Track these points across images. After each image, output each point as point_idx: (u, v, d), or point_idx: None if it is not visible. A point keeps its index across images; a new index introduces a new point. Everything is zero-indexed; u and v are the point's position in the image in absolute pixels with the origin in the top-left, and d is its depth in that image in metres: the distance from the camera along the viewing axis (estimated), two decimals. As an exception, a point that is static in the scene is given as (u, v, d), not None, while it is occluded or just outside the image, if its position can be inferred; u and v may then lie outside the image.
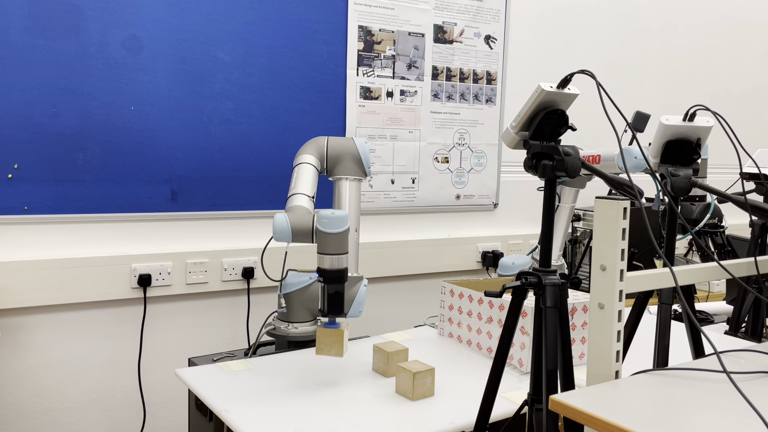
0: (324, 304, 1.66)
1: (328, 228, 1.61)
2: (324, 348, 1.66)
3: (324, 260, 1.64)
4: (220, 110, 2.39)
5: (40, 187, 2.14)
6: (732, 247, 2.39)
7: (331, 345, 1.66)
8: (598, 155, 2.16)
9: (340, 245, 1.63)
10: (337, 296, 1.63)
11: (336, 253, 1.62)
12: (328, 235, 1.62)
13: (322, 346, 1.66)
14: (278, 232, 1.65)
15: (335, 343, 1.66)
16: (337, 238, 1.62)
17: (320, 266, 1.64)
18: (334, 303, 1.64)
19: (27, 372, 2.21)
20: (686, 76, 3.65)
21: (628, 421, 0.96)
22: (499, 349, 1.33)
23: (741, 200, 1.38)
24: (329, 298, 1.65)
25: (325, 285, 1.65)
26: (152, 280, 2.32)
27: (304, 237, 1.66)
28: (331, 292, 1.64)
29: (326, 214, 1.62)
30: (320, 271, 1.64)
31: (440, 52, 2.81)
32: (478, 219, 3.04)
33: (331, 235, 1.62)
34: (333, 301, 1.64)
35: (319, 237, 1.63)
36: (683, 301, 1.20)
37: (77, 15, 2.13)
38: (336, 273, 1.63)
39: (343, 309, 1.64)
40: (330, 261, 1.63)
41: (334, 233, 1.61)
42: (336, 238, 1.62)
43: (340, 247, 1.63)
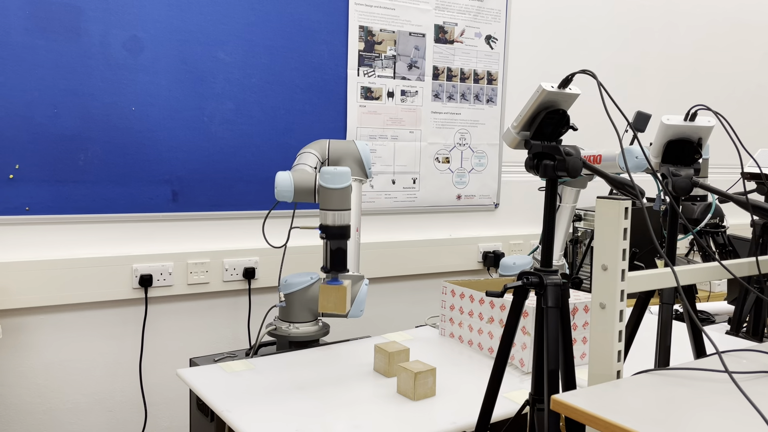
0: (327, 261, 1.65)
1: (331, 183, 1.62)
2: (327, 305, 1.66)
3: (327, 216, 1.64)
4: (220, 111, 2.39)
5: (41, 188, 2.14)
6: (733, 246, 2.39)
7: (334, 302, 1.66)
8: (600, 155, 2.16)
9: (343, 201, 1.64)
10: (340, 252, 1.64)
11: (338, 208, 1.63)
12: (331, 191, 1.63)
13: (325, 303, 1.66)
14: (281, 189, 1.66)
15: (338, 299, 1.65)
16: (340, 193, 1.63)
17: (323, 222, 1.65)
18: (337, 259, 1.64)
19: (28, 372, 2.21)
20: (687, 77, 3.65)
21: (629, 420, 0.96)
22: (500, 349, 1.33)
23: (742, 200, 1.37)
24: (332, 254, 1.65)
25: (328, 241, 1.65)
26: (153, 281, 2.32)
27: (306, 195, 1.67)
28: (334, 248, 1.64)
29: (329, 170, 1.63)
30: (323, 228, 1.64)
31: (441, 52, 2.81)
32: (479, 219, 3.04)
33: (333, 190, 1.63)
34: (336, 257, 1.64)
35: (321, 193, 1.64)
36: (684, 301, 1.20)
37: (78, 16, 2.14)
38: (339, 229, 1.63)
39: (346, 265, 1.65)
40: (333, 216, 1.64)
41: (337, 188, 1.62)
42: (339, 193, 1.63)
43: (342, 203, 1.64)
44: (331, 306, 1.66)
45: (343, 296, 1.65)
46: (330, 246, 1.65)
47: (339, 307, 1.65)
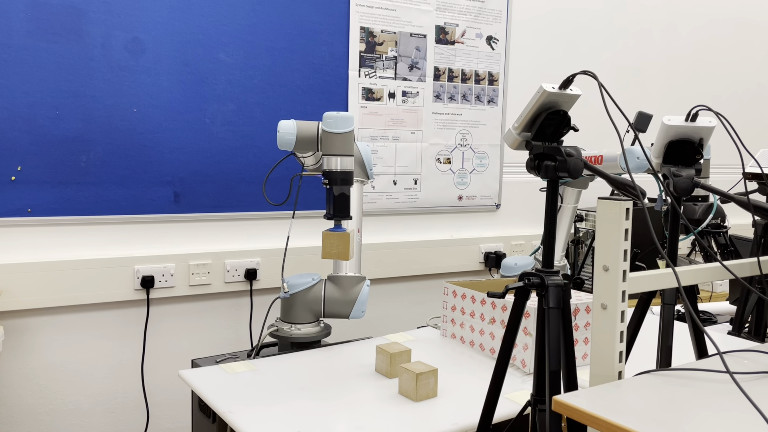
0: (330, 207, 1.65)
1: (334, 128, 1.62)
2: (330, 251, 1.65)
3: (330, 161, 1.63)
4: (222, 112, 2.39)
5: (43, 190, 2.14)
6: (735, 247, 2.39)
7: (338, 248, 1.64)
8: (601, 156, 2.16)
9: (346, 146, 1.63)
10: (343, 198, 1.63)
11: (342, 154, 1.62)
12: (334, 135, 1.62)
13: (328, 250, 1.64)
14: (284, 133, 1.64)
15: (341, 246, 1.63)
16: (343, 138, 1.62)
17: (326, 168, 1.63)
18: (340, 205, 1.63)
19: (31, 374, 2.21)
20: (688, 77, 3.64)
21: (631, 421, 0.96)
22: (502, 350, 1.33)
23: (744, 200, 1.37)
24: (336, 200, 1.64)
25: (331, 187, 1.64)
26: (155, 282, 2.32)
27: (308, 144, 1.66)
28: (337, 193, 1.63)
29: (332, 114, 1.62)
30: (326, 174, 1.64)
31: (442, 53, 2.81)
32: (481, 220, 3.04)
33: (336, 135, 1.62)
34: (339, 202, 1.63)
35: (324, 138, 1.63)
36: (686, 302, 1.20)
37: (80, 18, 2.14)
38: (342, 174, 1.62)
39: (349, 211, 1.64)
40: (336, 162, 1.63)
41: (340, 133, 1.62)
42: (342, 138, 1.62)
43: (345, 148, 1.63)
44: (335, 253, 1.65)
45: (347, 242, 1.63)
46: (333, 192, 1.65)
47: (342, 254, 1.64)
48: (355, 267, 2.04)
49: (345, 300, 2.00)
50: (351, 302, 1.99)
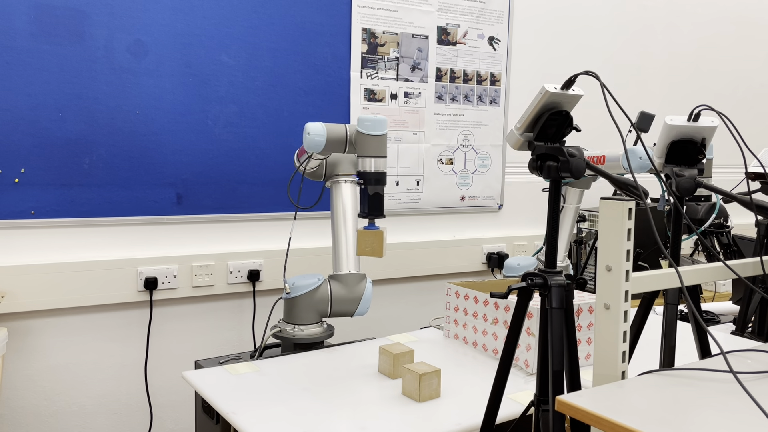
0: (365, 206, 1.71)
1: (371, 130, 1.69)
2: (365, 249, 1.71)
3: (365, 162, 1.70)
4: (224, 114, 2.40)
5: (47, 192, 2.15)
6: (738, 246, 2.39)
7: (372, 246, 1.70)
8: (603, 156, 2.16)
9: (380, 148, 1.70)
10: (378, 197, 1.69)
11: (377, 155, 1.69)
12: (370, 137, 1.69)
13: (363, 247, 1.70)
14: (314, 135, 1.71)
15: (376, 243, 1.70)
16: (378, 140, 1.69)
17: (361, 169, 1.70)
18: (375, 204, 1.70)
19: (34, 375, 2.22)
20: (690, 76, 3.64)
21: (634, 421, 0.96)
22: (505, 351, 1.34)
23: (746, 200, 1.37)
24: (370, 200, 1.70)
25: (366, 186, 1.70)
26: (158, 284, 2.33)
27: (337, 145, 1.72)
28: (372, 193, 1.70)
29: (368, 117, 1.70)
30: (361, 174, 1.70)
31: (444, 53, 2.82)
32: (483, 220, 3.04)
33: (373, 137, 1.69)
34: (374, 202, 1.70)
35: (360, 140, 1.70)
36: (689, 302, 1.20)
37: (83, 20, 2.15)
38: (377, 174, 1.69)
39: (383, 210, 1.70)
40: (371, 163, 1.70)
41: (377, 135, 1.69)
42: (377, 140, 1.69)
43: (380, 150, 1.70)
44: (369, 250, 1.71)
45: (381, 240, 1.69)
46: (368, 192, 1.71)
47: (377, 251, 1.69)
48: (354, 265, 2.04)
49: (351, 298, 2.02)
50: (357, 300, 2.01)
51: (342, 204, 2.07)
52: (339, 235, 2.06)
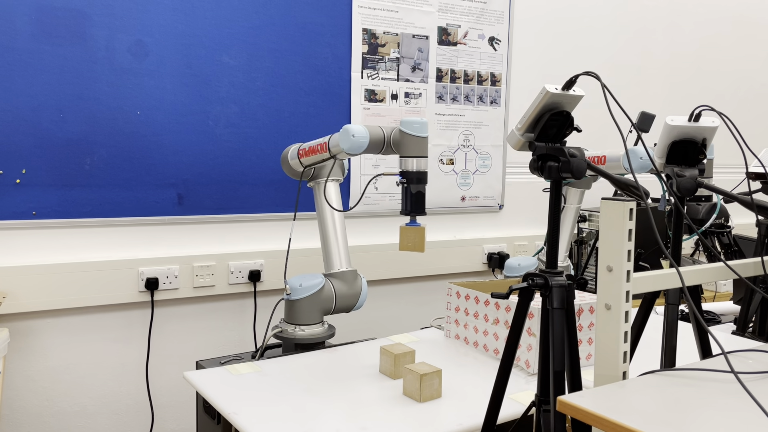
0: (408, 204, 1.79)
1: (416, 132, 1.77)
2: (407, 245, 1.79)
3: (408, 163, 1.78)
4: (225, 114, 2.40)
5: (48, 192, 2.15)
6: (738, 246, 2.39)
7: (413, 241, 1.78)
8: (604, 156, 2.16)
9: (423, 149, 1.79)
10: (420, 195, 1.78)
11: (418, 155, 1.78)
12: (415, 138, 1.77)
13: (405, 243, 1.79)
14: (359, 137, 1.78)
15: (417, 239, 1.78)
16: (422, 141, 1.78)
17: (404, 169, 1.79)
18: (417, 202, 1.78)
19: (36, 376, 2.22)
20: (691, 76, 3.64)
21: (636, 421, 0.96)
22: (506, 351, 1.34)
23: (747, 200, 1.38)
24: (413, 198, 1.78)
25: (409, 185, 1.78)
26: (159, 284, 2.33)
27: (376, 146, 1.81)
28: (414, 191, 1.78)
29: (412, 119, 1.78)
30: (404, 173, 1.78)
31: (444, 54, 2.82)
32: (484, 220, 3.04)
33: (417, 138, 1.77)
34: (416, 200, 1.78)
35: (404, 141, 1.78)
36: (690, 302, 1.20)
37: (83, 21, 2.15)
38: (419, 174, 1.78)
39: (424, 208, 1.79)
40: (413, 163, 1.78)
41: (420, 137, 1.77)
42: (421, 141, 1.78)
43: (422, 151, 1.79)
44: (411, 245, 1.79)
45: (422, 236, 1.78)
46: (411, 190, 1.79)
47: (418, 246, 1.78)
48: (346, 262, 2.08)
49: (351, 294, 2.08)
50: (356, 295, 2.08)
51: (333, 203, 2.09)
52: (329, 234, 2.09)
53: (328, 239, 2.09)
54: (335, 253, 2.10)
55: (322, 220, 2.10)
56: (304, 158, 2.05)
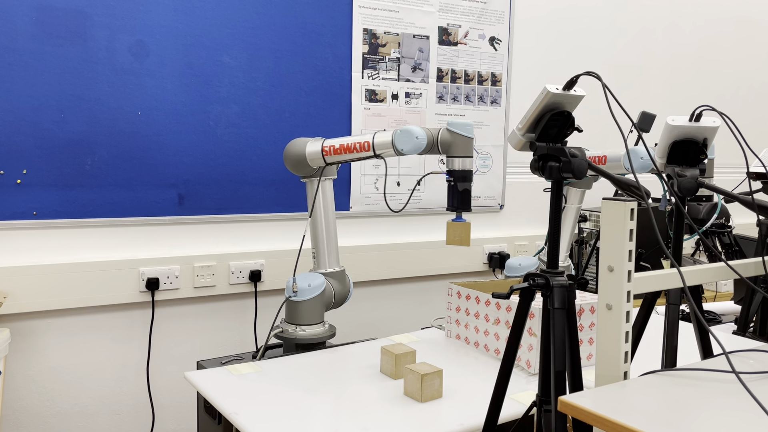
0: (455, 200, 1.89)
1: (467, 132, 1.88)
2: (454, 239, 1.90)
3: (455, 162, 1.89)
4: (226, 114, 2.40)
5: (49, 192, 2.15)
6: (739, 246, 2.39)
7: (460, 236, 1.89)
8: (605, 156, 2.16)
9: (469, 149, 1.90)
10: (466, 193, 1.89)
11: (466, 155, 1.89)
12: (463, 139, 1.88)
13: (452, 237, 1.90)
14: (421, 139, 1.89)
15: (463, 234, 1.89)
16: (469, 142, 1.89)
17: (451, 168, 1.89)
18: (464, 199, 1.89)
19: (37, 376, 2.22)
20: (692, 76, 3.64)
21: (637, 421, 0.96)
22: (507, 351, 1.34)
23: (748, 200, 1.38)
24: (460, 195, 1.89)
25: (456, 183, 1.88)
26: (160, 284, 2.33)
27: (430, 147, 1.91)
28: (461, 189, 1.88)
29: (459, 121, 1.89)
30: (451, 172, 1.89)
31: (445, 54, 2.82)
32: (484, 220, 3.04)
33: (465, 138, 1.88)
34: (463, 197, 1.89)
35: (452, 141, 1.89)
36: (691, 302, 1.20)
37: (84, 21, 2.15)
38: (465, 172, 1.89)
39: (470, 204, 1.90)
40: (461, 162, 1.89)
41: (469, 137, 1.88)
42: (468, 141, 1.89)
43: (468, 151, 1.90)
44: (457, 240, 1.90)
45: (468, 231, 1.90)
46: (458, 188, 1.89)
47: (464, 241, 1.90)
48: (336, 261, 2.15)
49: (344, 292, 2.16)
50: (347, 293, 2.17)
51: (323, 202, 2.11)
52: (323, 233, 2.13)
53: (323, 238, 2.12)
54: (332, 252, 2.12)
55: (316, 218, 2.11)
56: (331, 156, 2.04)
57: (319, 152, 2.05)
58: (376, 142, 1.95)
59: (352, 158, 2.02)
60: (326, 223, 2.12)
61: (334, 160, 2.04)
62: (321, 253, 2.12)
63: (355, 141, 1.99)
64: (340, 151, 2.02)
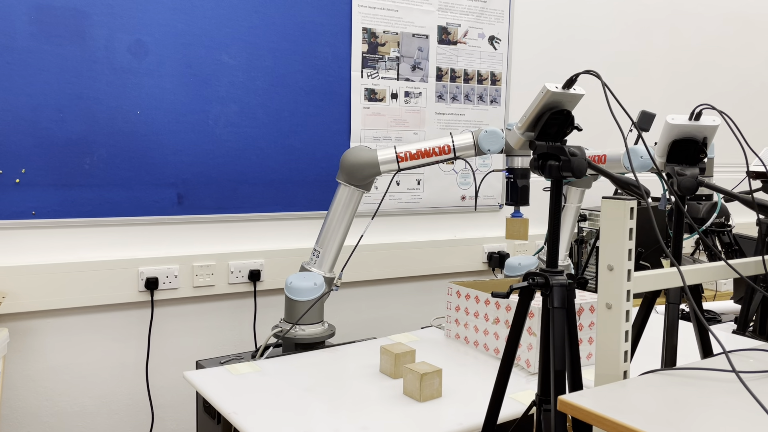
0: (513, 196, 1.96)
1: None
2: (513, 234, 2.00)
3: (515, 161, 1.97)
4: (225, 114, 2.39)
5: (48, 192, 2.15)
6: (739, 245, 2.39)
7: (518, 231, 1.98)
8: (604, 155, 2.16)
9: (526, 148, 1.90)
10: (525, 189, 1.96)
11: (525, 154, 1.98)
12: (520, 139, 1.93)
13: (511, 232, 2.00)
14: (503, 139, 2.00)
15: (522, 229, 1.98)
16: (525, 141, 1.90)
17: (511, 165, 1.97)
18: (522, 195, 1.96)
19: (36, 376, 2.22)
20: (691, 75, 3.64)
21: (637, 421, 0.96)
22: (506, 350, 1.33)
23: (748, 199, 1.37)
24: (519, 191, 1.96)
25: (515, 180, 1.95)
26: (159, 284, 2.33)
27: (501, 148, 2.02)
28: (521, 185, 1.95)
29: None
30: (511, 170, 1.97)
31: (444, 53, 2.81)
32: (484, 220, 3.03)
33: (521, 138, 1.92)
34: (522, 193, 1.97)
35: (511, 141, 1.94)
36: (691, 301, 1.20)
37: (83, 20, 2.14)
38: (524, 170, 1.97)
39: (528, 200, 1.97)
40: (519, 161, 1.97)
41: None
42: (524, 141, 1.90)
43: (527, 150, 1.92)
44: (516, 234, 1.99)
45: (526, 226, 1.99)
46: (517, 184, 1.95)
47: (523, 236, 1.99)
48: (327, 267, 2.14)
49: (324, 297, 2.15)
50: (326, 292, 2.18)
51: (348, 210, 2.10)
52: (336, 236, 2.12)
53: (333, 242, 2.11)
54: (335, 258, 2.12)
55: (332, 221, 2.12)
56: (406, 162, 2.07)
57: (393, 159, 2.07)
58: (457, 145, 2.03)
59: (429, 162, 2.08)
60: (342, 230, 2.12)
61: (408, 165, 2.09)
62: (325, 255, 2.11)
63: (434, 145, 2.05)
64: (417, 156, 2.07)
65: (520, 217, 2.00)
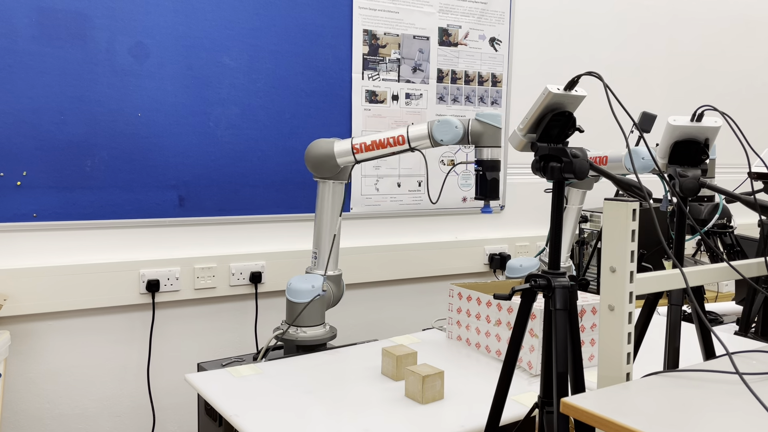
0: (482, 190, 1.92)
1: (494, 122, 1.90)
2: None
3: (483, 152, 1.91)
4: (226, 116, 2.39)
5: (49, 194, 2.15)
6: (741, 247, 2.38)
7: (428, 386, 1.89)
8: (606, 156, 2.16)
9: (497, 139, 1.92)
10: (494, 182, 1.91)
11: (494, 145, 1.91)
12: (491, 128, 1.91)
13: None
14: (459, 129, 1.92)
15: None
16: (497, 132, 1.91)
17: (480, 157, 1.92)
18: (492, 188, 1.92)
19: (37, 378, 2.21)
20: (693, 76, 3.64)
21: (639, 423, 0.96)
22: (508, 352, 1.33)
23: (750, 200, 1.37)
24: (489, 184, 1.91)
25: (485, 172, 1.90)
26: (160, 286, 2.32)
27: (464, 138, 1.94)
28: (490, 178, 1.90)
29: (488, 112, 1.93)
30: (480, 162, 1.93)
31: (445, 54, 2.81)
32: (485, 221, 3.03)
33: (493, 128, 1.91)
34: (491, 186, 1.91)
35: (482, 131, 1.92)
36: (694, 303, 1.19)
37: (84, 23, 2.15)
38: (495, 162, 1.92)
39: (498, 193, 1.94)
40: (489, 152, 1.91)
41: (496, 127, 1.90)
42: (496, 132, 1.91)
43: (497, 141, 1.92)
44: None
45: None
46: (486, 177, 1.91)
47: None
48: (335, 265, 2.15)
49: (338, 293, 2.16)
50: (341, 295, 2.18)
51: (332, 205, 2.10)
52: (328, 235, 2.12)
53: (327, 240, 2.11)
54: (333, 255, 2.11)
55: (322, 220, 2.11)
56: (362, 153, 2.01)
57: (349, 150, 2.02)
58: (411, 135, 1.96)
59: (385, 153, 2.01)
60: (332, 226, 2.11)
61: (365, 157, 2.02)
62: (323, 255, 2.12)
63: (388, 136, 1.99)
64: (372, 148, 2.00)
65: (490, 213, 1.97)
